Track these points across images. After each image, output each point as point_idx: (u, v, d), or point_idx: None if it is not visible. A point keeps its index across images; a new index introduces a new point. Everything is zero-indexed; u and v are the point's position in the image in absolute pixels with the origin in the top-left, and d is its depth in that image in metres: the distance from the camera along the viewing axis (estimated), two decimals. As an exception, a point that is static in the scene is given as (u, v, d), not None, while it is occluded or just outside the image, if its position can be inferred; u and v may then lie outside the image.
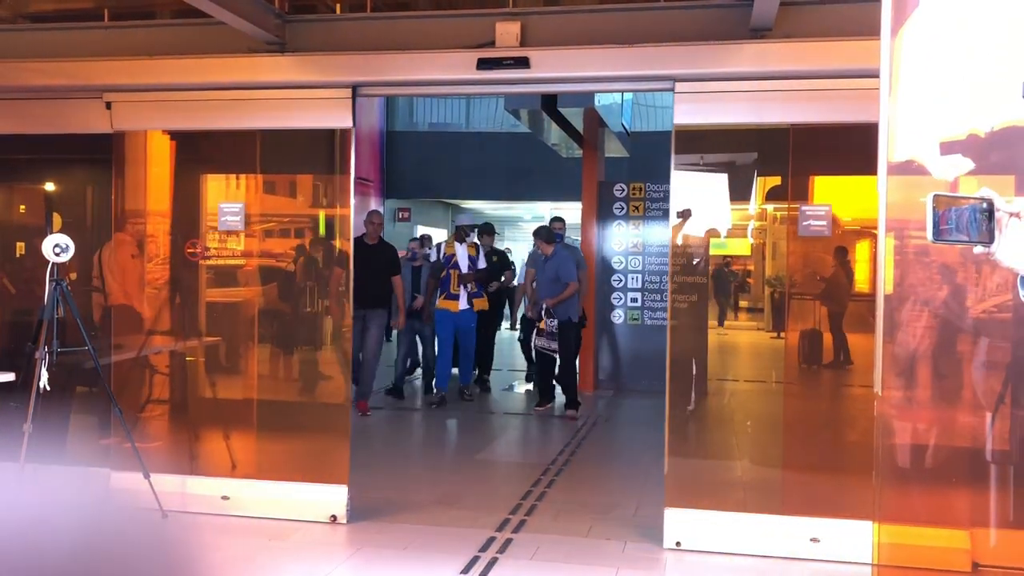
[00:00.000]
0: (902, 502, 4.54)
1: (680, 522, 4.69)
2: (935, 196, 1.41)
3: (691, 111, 4.72)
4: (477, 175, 16.38)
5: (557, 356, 8.28)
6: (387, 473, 6.23)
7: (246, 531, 4.90)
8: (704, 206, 5.03)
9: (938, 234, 1.42)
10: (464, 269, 8.71)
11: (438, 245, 9.42)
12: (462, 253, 8.77)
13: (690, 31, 4.72)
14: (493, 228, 10.14)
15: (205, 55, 5.13)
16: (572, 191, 11.61)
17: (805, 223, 4.74)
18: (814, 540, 4.54)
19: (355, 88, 5.01)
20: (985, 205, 1.43)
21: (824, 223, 4.73)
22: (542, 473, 6.23)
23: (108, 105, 5.29)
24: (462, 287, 8.68)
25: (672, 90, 4.71)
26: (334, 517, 4.98)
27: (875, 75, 2.45)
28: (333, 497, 5.00)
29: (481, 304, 8.89)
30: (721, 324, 5.69)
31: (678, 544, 4.67)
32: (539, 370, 8.71)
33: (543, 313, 8.12)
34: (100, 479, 5.28)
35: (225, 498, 5.15)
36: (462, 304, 8.68)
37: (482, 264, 9.06)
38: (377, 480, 5.83)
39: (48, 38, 5.57)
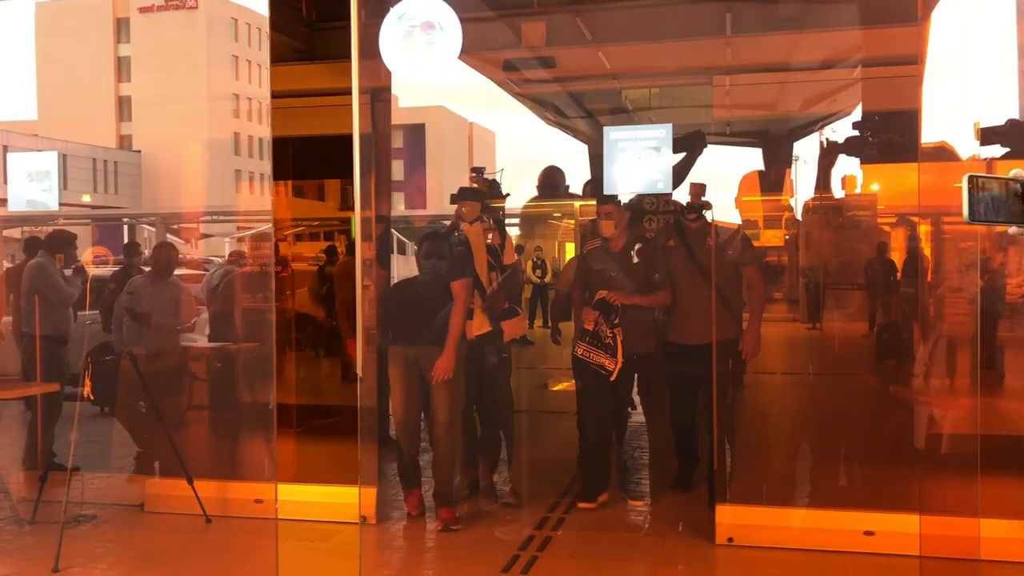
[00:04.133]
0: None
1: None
2: (970, 177, 1.40)
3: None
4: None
5: (612, 378, 4.83)
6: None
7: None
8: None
9: (974, 215, 1.41)
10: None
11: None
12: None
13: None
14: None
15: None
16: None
17: None
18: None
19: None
20: (1019, 185, 1.42)
21: None
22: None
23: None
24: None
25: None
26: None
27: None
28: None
29: (515, 328, 5.14)
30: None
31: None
32: (587, 437, 5.04)
33: (596, 309, 4.83)
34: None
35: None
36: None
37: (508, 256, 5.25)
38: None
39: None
